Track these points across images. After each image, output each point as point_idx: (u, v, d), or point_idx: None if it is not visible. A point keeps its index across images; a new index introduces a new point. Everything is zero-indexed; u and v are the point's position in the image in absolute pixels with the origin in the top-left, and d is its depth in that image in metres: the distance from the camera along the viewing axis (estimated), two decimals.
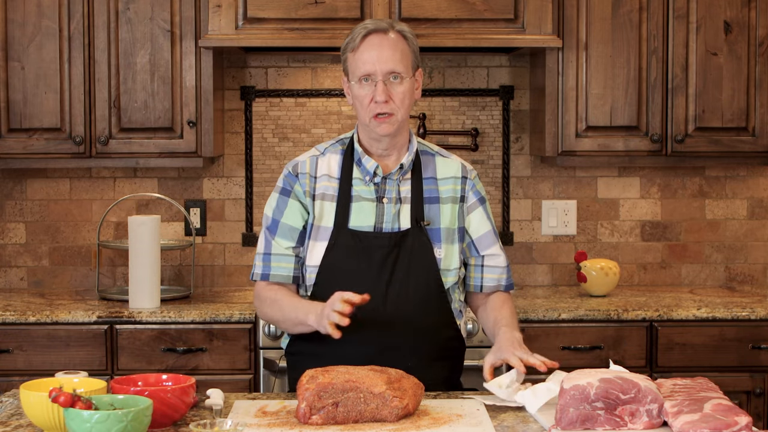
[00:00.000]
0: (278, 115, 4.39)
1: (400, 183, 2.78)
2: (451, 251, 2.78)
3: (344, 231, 2.73)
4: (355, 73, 2.72)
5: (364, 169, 2.77)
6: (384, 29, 2.72)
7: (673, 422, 2.22)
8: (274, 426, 2.32)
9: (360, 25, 2.75)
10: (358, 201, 2.76)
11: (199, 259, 4.40)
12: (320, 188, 2.78)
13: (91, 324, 3.81)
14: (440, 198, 2.80)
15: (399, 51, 2.71)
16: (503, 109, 4.40)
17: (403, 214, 2.76)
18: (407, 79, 2.72)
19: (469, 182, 2.84)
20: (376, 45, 2.70)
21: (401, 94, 2.71)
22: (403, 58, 2.71)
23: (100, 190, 4.38)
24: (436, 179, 2.81)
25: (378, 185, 2.77)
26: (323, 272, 2.73)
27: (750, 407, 3.85)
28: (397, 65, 2.70)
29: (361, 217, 2.75)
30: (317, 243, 2.75)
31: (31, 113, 4.02)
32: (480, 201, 2.84)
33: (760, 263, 4.48)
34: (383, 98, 2.69)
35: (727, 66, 4.07)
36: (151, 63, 4.02)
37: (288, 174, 2.82)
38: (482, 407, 2.48)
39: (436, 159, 2.85)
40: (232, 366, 3.82)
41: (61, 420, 2.19)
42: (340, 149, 2.83)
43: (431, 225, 2.77)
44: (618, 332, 3.86)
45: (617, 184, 4.44)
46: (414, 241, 2.74)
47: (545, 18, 3.92)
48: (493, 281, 2.85)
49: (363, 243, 2.72)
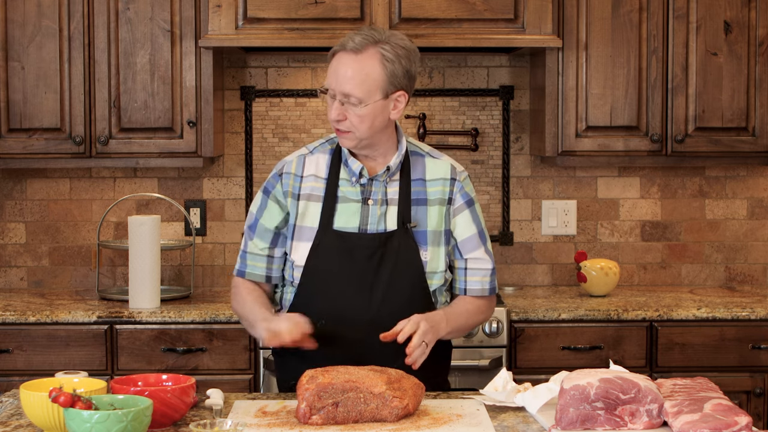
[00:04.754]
0: (278, 115, 4.39)
1: (388, 184, 2.76)
2: (438, 254, 2.76)
3: (329, 231, 2.73)
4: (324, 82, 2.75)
5: (350, 170, 2.76)
6: (357, 50, 2.67)
7: (673, 422, 2.22)
8: (274, 426, 2.32)
9: (348, 35, 2.72)
10: (344, 202, 2.75)
11: (199, 259, 4.40)
12: (306, 188, 2.78)
13: (91, 324, 3.81)
14: (428, 200, 2.77)
15: (362, 75, 2.66)
16: (503, 109, 4.40)
17: (390, 216, 2.74)
18: (368, 103, 2.67)
19: (458, 184, 2.81)
20: (341, 63, 2.67)
21: (357, 117, 2.67)
22: (363, 83, 2.65)
23: (100, 190, 4.38)
24: (424, 180, 2.79)
25: (364, 186, 2.75)
26: (308, 272, 2.73)
27: (750, 407, 3.85)
28: (354, 89, 2.65)
29: (346, 218, 2.74)
30: (301, 243, 2.75)
31: (31, 113, 4.02)
32: (467, 204, 2.81)
33: (760, 263, 4.48)
34: (334, 117, 2.69)
35: (727, 66, 4.07)
36: (151, 63, 4.02)
37: (273, 174, 2.83)
38: (482, 407, 2.48)
39: (426, 160, 2.82)
40: (232, 366, 3.82)
41: (61, 420, 2.19)
42: (329, 149, 2.82)
43: (418, 227, 2.75)
44: (618, 332, 3.86)
45: (617, 184, 4.44)
46: (399, 243, 2.72)
47: (545, 18, 3.92)
48: (477, 284, 2.81)
49: (347, 244, 2.71)
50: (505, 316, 3.80)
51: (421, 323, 2.58)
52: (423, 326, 2.58)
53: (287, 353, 2.79)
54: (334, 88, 2.68)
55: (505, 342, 3.80)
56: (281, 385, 2.86)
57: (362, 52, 2.67)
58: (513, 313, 3.84)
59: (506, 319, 3.80)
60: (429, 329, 2.60)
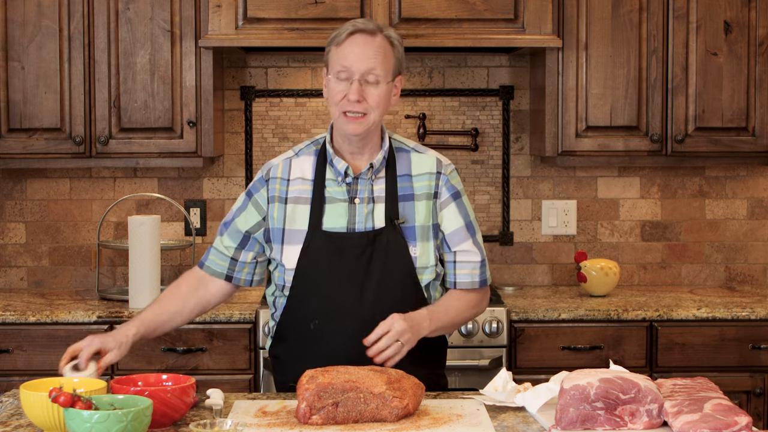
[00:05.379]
0: (278, 115, 4.39)
1: (374, 182, 2.76)
2: (427, 249, 2.75)
3: (318, 233, 2.72)
4: (334, 66, 2.71)
5: (335, 170, 2.76)
6: (371, 31, 2.71)
7: (673, 422, 2.22)
8: (274, 426, 2.32)
9: (350, 21, 2.74)
10: (332, 202, 2.75)
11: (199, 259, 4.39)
12: (293, 191, 2.77)
13: (91, 324, 3.81)
14: (415, 195, 2.77)
15: (381, 53, 2.70)
16: (503, 109, 4.40)
17: (377, 214, 2.74)
18: (384, 83, 2.70)
19: (443, 177, 2.80)
20: (360, 43, 2.69)
21: (376, 96, 2.69)
22: (384, 61, 2.70)
23: (100, 190, 4.38)
24: (410, 176, 2.78)
25: (350, 185, 2.75)
26: (299, 275, 2.72)
27: (750, 407, 3.85)
28: (377, 67, 2.68)
29: (334, 218, 2.73)
30: (292, 246, 2.74)
31: (31, 113, 4.02)
32: (453, 196, 2.80)
33: (760, 263, 4.48)
34: (356, 98, 2.67)
35: (727, 66, 4.07)
36: (151, 63, 4.02)
37: (259, 178, 2.82)
38: (482, 407, 2.48)
39: (411, 155, 2.81)
40: (232, 366, 3.82)
41: (61, 420, 2.19)
42: (314, 150, 2.82)
43: (406, 223, 2.74)
44: (618, 332, 3.86)
45: (617, 184, 4.44)
46: (388, 240, 2.72)
47: (545, 18, 3.92)
48: (467, 277, 2.80)
49: (336, 244, 2.71)
50: (505, 316, 3.80)
51: (396, 323, 2.59)
52: (398, 326, 2.58)
53: (282, 355, 2.80)
54: (352, 67, 2.68)
55: (505, 342, 3.80)
56: (279, 387, 2.86)
57: (376, 35, 2.71)
58: (513, 313, 3.84)
59: (506, 319, 3.80)
60: (407, 329, 2.60)
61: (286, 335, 2.76)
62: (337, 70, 2.70)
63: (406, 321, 2.61)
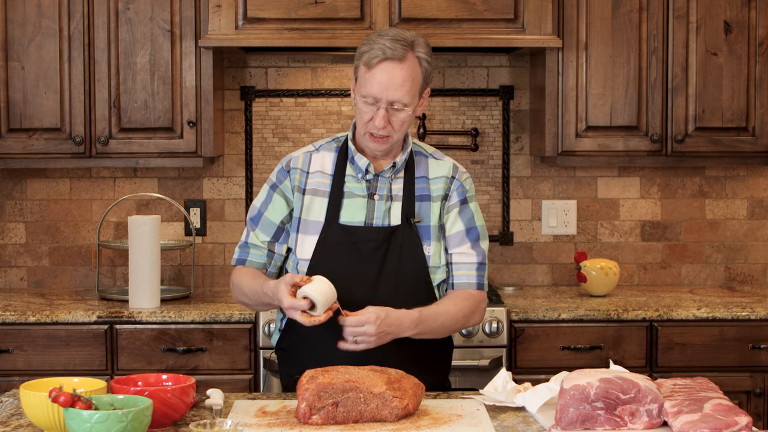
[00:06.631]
0: (278, 115, 4.39)
1: (392, 181, 2.81)
2: (439, 248, 2.81)
3: (335, 225, 2.76)
4: (362, 89, 2.73)
5: (356, 167, 2.80)
6: (400, 57, 2.69)
7: (673, 422, 2.22)
8: (274, 426, 2.32)
9: (382, 40, 2.71)
10: (350, 197, 2.79)
11: (199, 259, 4.40)
12: (312, 183, 2.81)
13: (91, 324, 3.81)
14: (431, 196, 2.82)
15: (410, 81, 2.71)
16: (503, 109, 4.40)
17: (394, 211, 2.79)
18: (411, 108, 2.73)
19: (456, 182, 2.85)
20: (388, 71, 2.69)
21: (400, 121, 2.73)
22: (412, 87, 2.71)
23: (100, 190, 4.38)
24: (428, 178, 2.84)
25: (370, 182, 2.80)
26: (314, 266, 2.75)
27: (750, 407, 3.85)
28: (404, 96, 2.70)
29: (352, 213, 2.77)
30: (307, 237, 2.78)
31: (31, 113, 4.02)
32: (461, 201, 2.84)
33: (760, 263, 4.48)
34: (382, 125, 2.71)
35: (727, 66, 4.07)
36: (151, 63, 4.02)
37: (280, 169, 2.86)
38: (482, 407, 2.48)
39: (429, 160, 2.87)
40: (232, 366, 3.82)
41: (61, 420, 2.19)
42: (335, 147, 2.86)
43: (422, 222, 2.80)
44: (618, 332, 3.86)
45: (617, 184, 4.44)
46: (403, 237, 2.76)
47: (545, 18, 3.92)
48: (463, 278, 2.82)
49: (353, 237, 2.75)
50: (505, 316, 3.80)
51: (379, 313, 2.60)
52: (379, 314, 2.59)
53: (291, 349, 2.81)
54: (379, 96, 2.70)
55: (505, 342, 3.80)
56: (285, 381, 2.86)
57: (405, 60, 2.70)
58: (513, 313, 3.84)
59: (506, 319, 3.80)
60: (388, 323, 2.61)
61: (297, 326, 2.74)
62: (364, 95, 2.72)
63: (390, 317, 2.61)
